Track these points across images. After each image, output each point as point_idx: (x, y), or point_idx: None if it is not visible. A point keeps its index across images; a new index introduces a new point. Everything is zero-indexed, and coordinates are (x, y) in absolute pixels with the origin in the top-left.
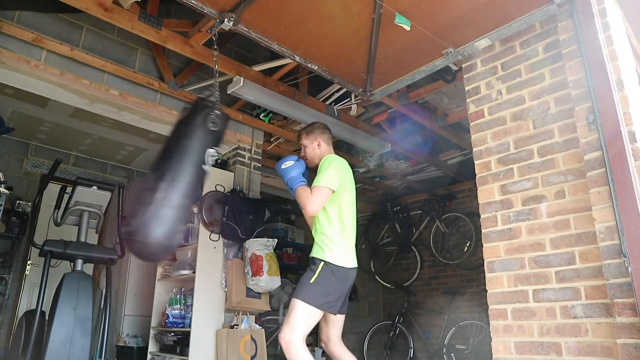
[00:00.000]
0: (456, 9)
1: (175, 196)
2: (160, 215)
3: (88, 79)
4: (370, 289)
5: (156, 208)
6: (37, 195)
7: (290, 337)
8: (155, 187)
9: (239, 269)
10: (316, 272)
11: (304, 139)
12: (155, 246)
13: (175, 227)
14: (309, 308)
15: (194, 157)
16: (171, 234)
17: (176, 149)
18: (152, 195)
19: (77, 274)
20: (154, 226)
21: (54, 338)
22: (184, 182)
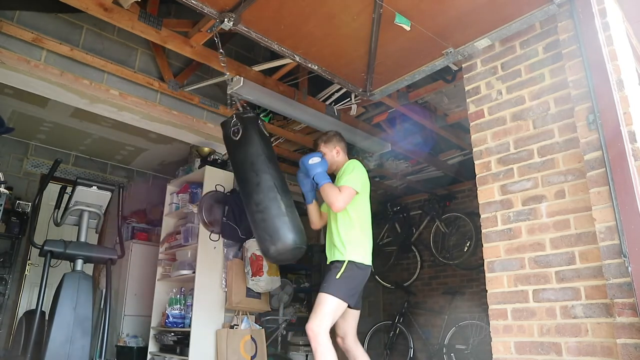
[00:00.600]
0: (456, 9)
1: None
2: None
3: (88, 79)
4: (370, 289)
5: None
6: (37, 195)
7: (318, 328)
8: (262, 204)
9: (239, 269)
10: (341, 269)
11: (323, 147)
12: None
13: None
14: (336, 300)
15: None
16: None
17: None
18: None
19: (77, 274)
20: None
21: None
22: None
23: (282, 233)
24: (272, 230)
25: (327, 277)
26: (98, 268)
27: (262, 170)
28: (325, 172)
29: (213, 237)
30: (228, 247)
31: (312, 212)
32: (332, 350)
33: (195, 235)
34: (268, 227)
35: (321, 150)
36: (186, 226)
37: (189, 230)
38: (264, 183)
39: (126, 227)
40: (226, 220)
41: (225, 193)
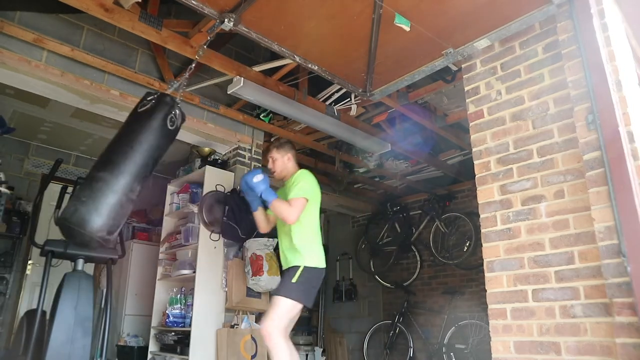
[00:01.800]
0: (456, 10)
1: (116, 188)
2: (98, 203)
3: (89, 79)
4: (370, 288)
5: (95, 195)
6: (38, 195)
7: (272, 328)
8: (98, 175)
9: (239, 269)
10: (297, 274)
11: (275, 152)
12: (86, 233)
13: (112, 219)
14: (290, 302)
15: (143, 152)
16: (105, 224)
17: (124, 142)
18: (92, 183)
19: (78, 273)
20: (89, 213)
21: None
22: (128, 176)
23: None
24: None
25: (283, 281)
26: (99, 268)
27: (129, 149)
28: (269, 188)
29: (213, 237)
30: (228, 246)
31: (259, 217)
32: (287, 349)
33: (195, 235)
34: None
35: (273, 156)
36: (186, 226)
37: (190, 230)
38: (122, 161)
39: (127, 226)
40: (226, 220)
41: (225, 193)
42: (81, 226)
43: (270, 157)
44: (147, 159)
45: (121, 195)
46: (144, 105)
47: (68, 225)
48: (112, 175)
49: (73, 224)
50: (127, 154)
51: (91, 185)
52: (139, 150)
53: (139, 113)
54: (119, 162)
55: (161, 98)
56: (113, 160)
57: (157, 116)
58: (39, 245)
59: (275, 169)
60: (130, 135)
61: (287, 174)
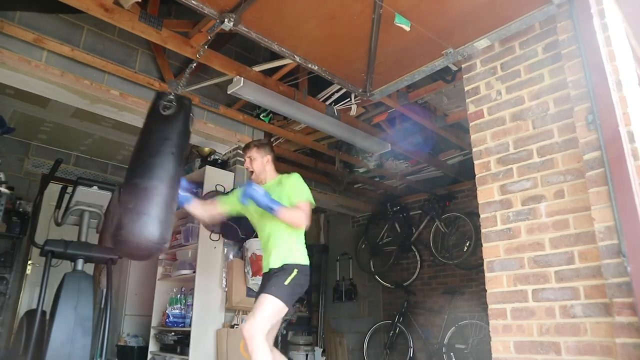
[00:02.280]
0: (456, 10)
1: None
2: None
3: (89, 79)
4: (370, 288)
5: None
6: (38, 195)
7: (255, 330)
8: (151, 185)
9: (239, 269)
10: (292, 274)
11: (255, 152)
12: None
13: (163, 223)
14: (280, 304)
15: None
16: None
17: (168, 146)
18: (147, 194)
19: (78, 273)
20: (139, 224)
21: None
22: (174, 181)
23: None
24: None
25: (274, 281)
26: (99, 268)
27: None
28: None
29: (213, 237)
30: (228, 246)
31: (196, 210)
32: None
33: (195, 235)
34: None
35: (252, 155)
36: (186, 226)
37: (190, 230)
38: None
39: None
40: (226, 220)
41: (225, 193)
42: (148, 239)
43: (248, 156)
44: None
45: (172, 202)
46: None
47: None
48: (163, 184)
49: (138, 237)
50: (171, 161)
51: (147, 196)
52: (178, 155)
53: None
54: (166, 170)
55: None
56: (157, 167)
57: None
58: (39, 245)
59: (253, 168)
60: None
61: (265, 177)
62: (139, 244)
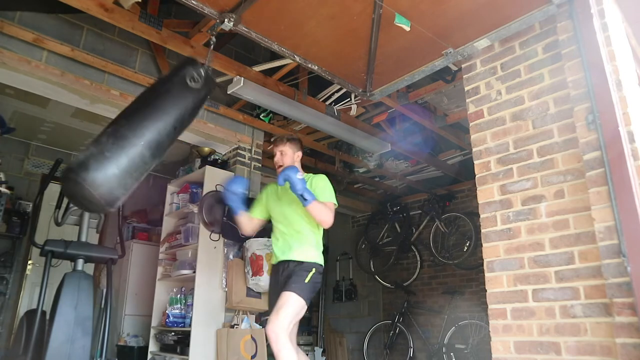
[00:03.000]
0: (456, 10)
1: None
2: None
3: (89, 79)
4: (370, 288)
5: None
6: (38, 195)
7: (280, 329)
8: (115, 132)
9: (239, 269)
10: (311, 273)
11: (287, 146)
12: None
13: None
14: (302, 302)
15: (166, 114)
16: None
17: (149, 101)
18: (108, 140)
19: (78, 273)
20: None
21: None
22: (149, 137)
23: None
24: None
25: (295, 279)
26: (99, 268)
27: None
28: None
29: (213, 237)
30: (228, 246)
31: (243, 221)
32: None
33: (195, 235)
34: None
35: (284, 149)
36: (186, 226)
37: (190, 230)
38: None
39: (127, 227)
40: (226, 220)
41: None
42: (92, 186)
43: (280, 149)
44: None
45: (140, 167)
46: (194, 80)
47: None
48: (145, 146)
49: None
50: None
51: (117, 143)
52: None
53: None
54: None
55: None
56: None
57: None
58: (39, 245)
59: (283, 162)
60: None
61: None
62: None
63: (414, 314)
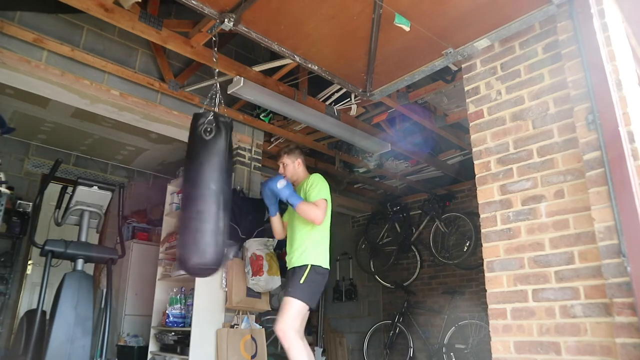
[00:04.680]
0: (456, 10)
1: (207, 215)
2: (201, 237)
3: (89, 79)
4: (370, 288)
5: (196, 233)
6: (38, 195)
7: (287, 327)
8: (189, 213)
9: (239, 269)
10: (304, 274)
11: (286, 158)
12: (213, 265)
13: (219, 243)
14: (300, 304)
15: (205, 173)
16: (220, 250)
17: (189, 172)
18: (189, 223)
19: (78, 273)
20: (203, 250)
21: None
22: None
23: (211, 249)
24: (204, 242)
25: (291, 282)
26: (99, 268)
27: (218, 181)
28: (294, 192)
29: None
30: (228, 247)
31: (276, 223)
32: (304, 348)
33: None
34: (200, 239)
35: (284, 161)
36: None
37: None
38: (215, 194)
39: (127, 227)
40: None
41: None
42: (203, 264)
43: (281, 162)
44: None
45: (214, 225)
46: (208, 132)
47: (189, 270)
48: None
49: (188, 270)
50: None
51: (187, 228)
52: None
53: (207, 141)
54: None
55: (221, 121)
56: (187, 197)
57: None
58: (39, 245)
59: (286, 174)
60: (188, 166)
61: (298, 179)
62: (197, 270)
63: (414, 314)
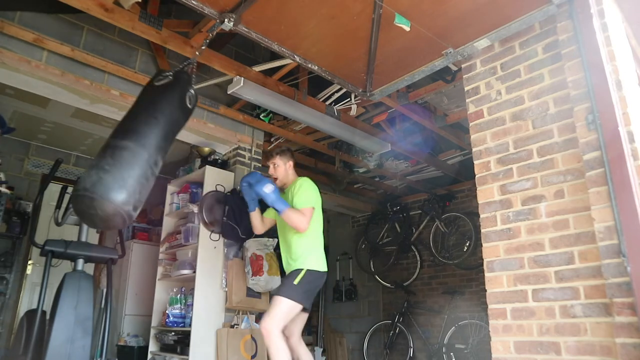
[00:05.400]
0: (456, 10)
1: (142, 158)
2: (125, 172)
3: (89, 79)
4: (370, 288)
5: (120, 164)
6: (38, 195)
7: (271, 326)
8: (122, 144)
9: (239, 269)
10: (300, 276)
11: (277, 159)
12: (108, 208)
13: (138, 192)
14: (290, 303)
15: (165, 124)
16: (132, 196)
17: (148, 112)
18: (114, 152)
19: (78, 273)
20: (116, 182)
21: (54, 337)
22: (153, 146)
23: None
24: (130, 179)
25: (284, 282)
26: (99, 268)
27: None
28: (280, 197)
29: (213, 237)
30: (228, 246)
31: (255, 218)
32: (285, 347)
33: (195, 235)
34: (118, 173)
35: (276, 161)
36: (186, 226)
37: (190, 230)
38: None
39: (127, 226)
40: (226, 220)
41: (225, 193)
42: (107, 197)
43: (272, 162)
44: (167, 132)
45: (146, 167)
46: (160, 80)
47: (90, 196)
48: (138, 145)
49: (97, 194)
50: (150, 124)
51: (114, 154)
52: (162, 121)
53: (158, 87)
54: (144, 132)
55: (179, 74)
56: (137, 129)
57: (177, 90)
58: (39, 245)
59: (277, 175)
60: (151, 105)
61: (288, 181)
62: (101, 205)
63: (414, 314)
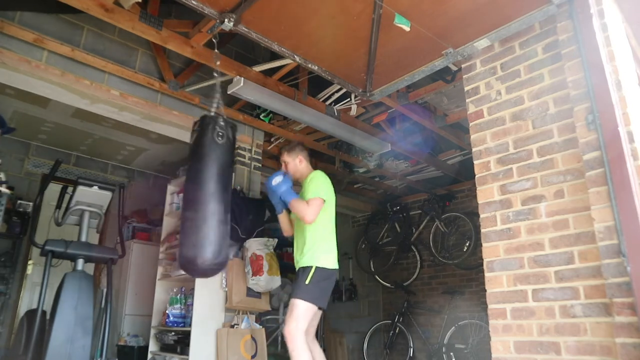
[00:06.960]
0: (456, 10)
1: (211, 217)
2: (207, 237)
3: (89, 79)
4: (370, 288)
5: (200, 232)
6: (38, 195)
7: (295, 330)
8: (193, 213)
9: (239, 269)
10: (310, 275)
11: (286, 156)
12: (210, 266)
13: (222, 244)
14: (305, 304)
15: (214, 175)
16: (220, 251)
17: (197, 172)
18: (192, 222)
19: (78, 273)
20: (205, 249)
21: (55, 337)
22: (215, 202)
23: (214, 248)
24: (208, 242)
25: (297, 283)
26: (99, 267)
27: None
28: (290, 189)
29: None
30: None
31: (283, 220)
32: (307, 351)
33: None
34: (204, 238)
35: (285, 159)
36: None
37: None
38: (219, 195)
39: (127, 226)
40: None
41: None
42: (194, 264)
43: (282, 160)
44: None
45: (210, 222)
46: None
47: (189, 268)
48: (196, 213)
49: (186, 267)
50: (200, 185)
51: (183, 228)
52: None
53: (192, 145)
54: (198, 197)
55: (203, 120)
56: (192, 197)
57: (207, 135)
58: (39, 245)
59: (288, 172)
60: (196, 166)
61: (301, 176)
62: (198, 268)
63: (414, 314)
